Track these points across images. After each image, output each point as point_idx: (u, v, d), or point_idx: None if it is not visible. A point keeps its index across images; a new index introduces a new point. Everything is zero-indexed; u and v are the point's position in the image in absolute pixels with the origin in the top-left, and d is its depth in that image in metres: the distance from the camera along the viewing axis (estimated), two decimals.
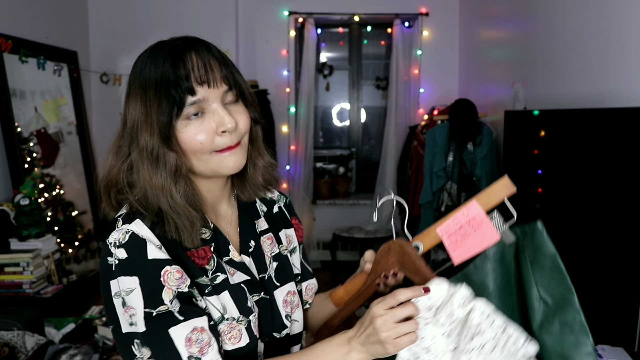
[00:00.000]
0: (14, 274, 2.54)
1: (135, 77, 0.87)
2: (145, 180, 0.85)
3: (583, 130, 1.97)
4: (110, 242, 0.82)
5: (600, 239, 1.82)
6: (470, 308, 0.76)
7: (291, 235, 1.09)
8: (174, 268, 0.82)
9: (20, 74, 3.21)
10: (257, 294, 0.94)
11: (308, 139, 4.60)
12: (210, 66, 0.85)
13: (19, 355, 1.98)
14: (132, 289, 0.79)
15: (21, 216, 2.67)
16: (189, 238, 0.85)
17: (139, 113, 0.85)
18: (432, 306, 0.79)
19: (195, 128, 0.85)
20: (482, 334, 0.75)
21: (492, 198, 0.83)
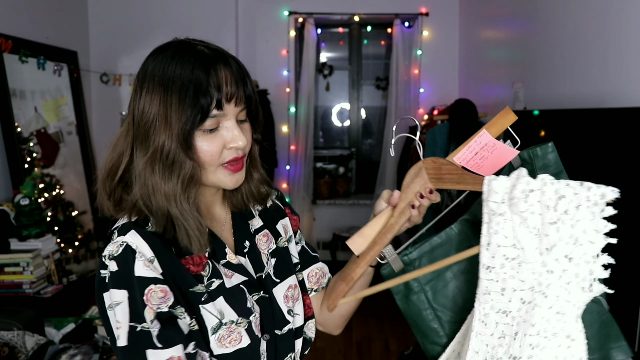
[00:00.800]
0: (14, 274, 2.54)
1: (154, 74, 0.84)
2: (155, 184, 0.84)
3: (583, 130, 1.97)
4: (105, 254, 0.82)
5: None
6: (540, 184, 0.74)
7: (287, 225, 1.10)
8: (159, 287, 0.81)
9: (20, 74, 3.21)
10: (256, 293, 0.94)
11: (308, 139, 4.60)
12: (240, 83, 0.85)
13: (19, 355, 1.98)
14: (120, 302, 0.79)
15: (21, 216, 2.67)
16: (197, 245, 0.85)
17: (156, 112, 0.83)
18: (503, 200, 0.75)
19: (207, 140, 0.85)
20: (562, 198, 0.74)
21: (498, 126, 0.90)
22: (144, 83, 0.85)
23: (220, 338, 0.86)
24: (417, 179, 0.87)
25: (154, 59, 0.86)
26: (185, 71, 0.82)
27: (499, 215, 0.76)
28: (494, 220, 0.76)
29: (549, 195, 0.74)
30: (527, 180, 0.74)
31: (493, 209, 0.76)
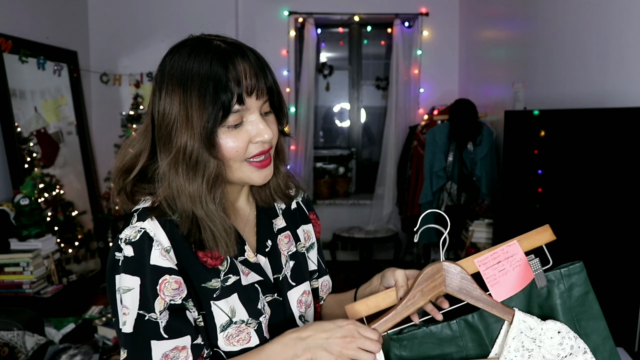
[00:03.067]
0: (14, 274, 2.54)
1: (172, 74, 0.83)
2: (179, 186, 0.83)
3: (583, 130, 1.97)
4: (121, 237, 0.81)
5: (600, 238, 1.82)
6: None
7: (309, 231, 1.07)
8: (173, 278, 0.81)
9: (20, 74, 3.21)
10: (270, 294, 0.92)
11: (308, 139, 4.60)
12: (260, 75, 0.84)
13: (19, 355, 1.98)
14: (131, 288, 0.79)
15: (21, 216, 2.67)
16: (225, 247, 0.84)
17: (177, 112, 0.81)
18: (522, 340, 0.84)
19: (232, 135, 0.83)
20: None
21: (532, 241, 0.89)
22: (163, 84, 0.84)
23: (228, 336, 0.86)
24: (432, 280, 0.86)
25: (171, 58, 0.84)
26: (203, 68, 0.81)
27: (526, 350, 0.84)
28: (521, 352, 0.84)
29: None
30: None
31: (524, 342, 0.84)
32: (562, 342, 0.83)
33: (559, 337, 0.83)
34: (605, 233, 1.79)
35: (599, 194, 1.84)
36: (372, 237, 4.25)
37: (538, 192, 2.29)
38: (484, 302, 0.85)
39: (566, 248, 2.01)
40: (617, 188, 1.73)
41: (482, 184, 3.35)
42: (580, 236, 1.94)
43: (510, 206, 2.67)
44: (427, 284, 0.86)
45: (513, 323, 0.84)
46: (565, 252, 2.13)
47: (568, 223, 2.03)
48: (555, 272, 0.89)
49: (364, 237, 4.24)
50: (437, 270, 0.86)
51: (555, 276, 0.89)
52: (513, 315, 0.84)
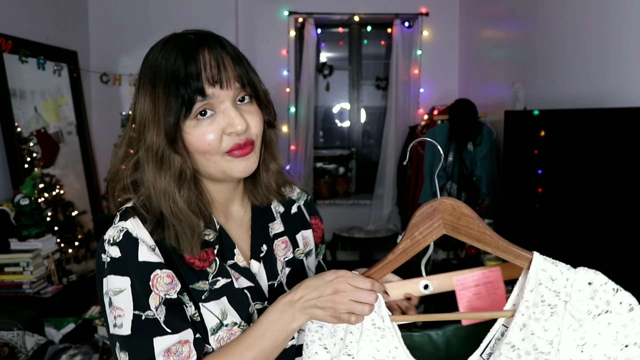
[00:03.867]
0: (14, 274, 2.54)
1: (146, 71, 0.83)
2: (149, 182, 0.82)
3: (583, 130, 1.97)
4: (105, 238, 0.81)
5: (600, 238, 1.82)
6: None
7: (308, 237, 1.03)
8: (165, 272, 0.79)
9: (20, 74, 3.21)
10: (259, 302, 0.89)
11: (308, 139, 4.60)
12: (224, 65, 0.81)
13: (19, 355, 1.98)
14: (122, 289, 0.77)
15: (21, 216, 2.67)
16: (188, 247, 0.82)
17: (147, 110, 0.81)
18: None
19: (204, 128, 0.81)
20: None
21: (516, 271, 0.80)
22: (140, 82, 0.84)
23: (219, 340, 0.83)
24: (429, 220, 0.77)
25: (147, 56, 0.85)
26: (168, 63, 0.80)
27: (547, 306, 0.69)
28: (540, 308, 0.69)
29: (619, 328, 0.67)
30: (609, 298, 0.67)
31: (544, 296, 0.69)
32: (594, 297, 0.67)
33: (590, 290, 0.67)
34: (606, 233, 1.79)
35: (599, 194, 1.84)
36: (372, 237, 4.25)
37: (538, 192, 2.29)
38: (493, 245, 0.74)
39: (566, 248, 2.02)
40: (617, 188, 1.73)
41: (482, 184, 3.35)
42: (580, 236, 1.94)
43: (510, 206, 2.67)
44: (424, 226, 0.77)
45: (530, 272, 0.70)
46: (566, 252, 2.14)
47: (568, 223, 2.03)
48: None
49: (364, 237, 4.24)
50: (434, 208, 0.76)
51: None
52: (530, 262, 0.71)
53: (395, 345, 0.79)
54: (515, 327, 0.70)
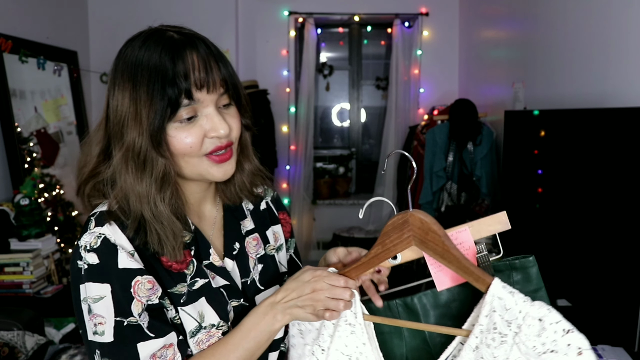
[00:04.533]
0: (14, 274, 2.54)
1: (125, 67, 0.79)
2: (129, 185, 0.79)
3: (583, 130, 1.97)
4: (81, 244, 0.78)
5: (600, 238, 1.82)
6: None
7: (278, 232, 1.04)
8: (145, 278, 0.78)
9: (20, 74, 3.21)
10: (236, 299, 0.89)
11: (308, 139, 4.60)
12: (211, 67, 0.79)
13: (19, 355, 1.98)
14: (102, 296, 0.76)
15: (21, 216, 2.67)
16: (172, 250, 0.80)
17: (127, 108, 0.78)
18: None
19: (186, 131, 0.80)
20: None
21: (484, 228, 0.81)
22: (115, 78, 0.81)
23: (198, 342, 0.83)
24: (400, 231, 0.79)
25: (125, 50, 0.81)
26: (152, 61, 0.77)
27: (498, 334, 0.69)
28: (492, 335, 0.70)
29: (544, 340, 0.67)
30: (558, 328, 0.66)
31: (497, 324, 0.69)
32: (541, 334, 0.66)
33: (538, 327, 0.66)
34: (606, 233, 1.79)
35: (599, 194, 1.84)
36: (372, 237, 4.24)
37: (538, 192, 2.29)
38: (455, 264, 0.75)
39: (566, 248, 2.02)
40: (617, 188, 1.73)
41: (482, 184, 3.35)
42: (580, 236, 1.94)
43: (510, 206, 2.67)
44: (395, 235, 0.80)
45: (486, 297, 0.70)
46: (566, 252, 2.14)
47: (568, 223, 2.03)
48: (505, 262, 0.81)
49: (364, 237, 4.24)
50: (404, 220, 0.78)
51: (505, 267, 0.81)
52: (488, 287, 0.71)
53: (364, 342, 0.82)
54: (468, 349, 0.72)
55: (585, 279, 1.87)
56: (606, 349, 1.54)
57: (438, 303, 0.85)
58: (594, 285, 1.83)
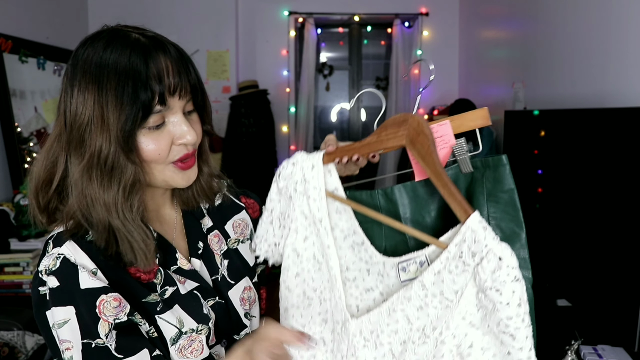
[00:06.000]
0: (14, 274, 2.53)
1: (86, 69, 0.74)
2: (94, 194, 0.75)
3: (583, 130, 1.97)
4: (40, 270, 0.74)
5: (600, 238, 1.82)
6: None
7: (243, 219, 1.01)
8: (111, 296, 0.74)
9: (20, 74, 3.21)
10: (211, 298, 0.87)
11: (308, 139, 4.60)
12: (184, 72, 0.77)
13: (19, 355, 1.98)
14: (66, 320, 0.72)
15: (21, 216, 2.67)
16: (144, 258, 0.77)
17: (91, 112, 0.73)
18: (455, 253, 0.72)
19: (154, 137, 0.77)
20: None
21: (465, 123, 0.82)
22: (74, 80, 0.75)
23: (180, 348, 0.80)
24: (397, 127, 0.82)
25: (84, 51, 0.77)
26: (121, 64, 0.73)
27: (462, 263, 0.71)
28: (456, 262, 0.72)
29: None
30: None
31: (464, 253, 0.71)
32: (495, 272, 0.68)
33: (495, 264, 0.68)
34: (606, 233, 1.79)
35: (599, 194, 1.84)
36: None
37: (538, 192, 2.29)
38: (431, 169, 0.77)
39: (566, 248, 2.02)
40: (617, 188, 1.73)
41: None
42: (580, 236, 1.94)
43: None
44: (392, 130, 0.82)
45: (462, 227, 0.71)
46: (566, 252, 2.14)
47: (568, 223, 2.03)
48: (480, 159, 0.82)
49: None
50: (404, 118, 0.81)
51: (480, 164, 0.82)
52: (466, 218, 0.72)
53: (328, 245, 0.84)
54: (430, 271, 0.74)
55: (585, 279, 1.87)
56: (606, 349, 1.54)
57: (417, 194, 0.86)
58: (594, 285, 1.83)
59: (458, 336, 0.73)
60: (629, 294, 1.62)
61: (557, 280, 2.04)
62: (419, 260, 0.78)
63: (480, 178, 0.81)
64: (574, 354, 1.37)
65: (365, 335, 0.79)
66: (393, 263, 0.80)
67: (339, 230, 0.85)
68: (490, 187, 0.79)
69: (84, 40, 0.79)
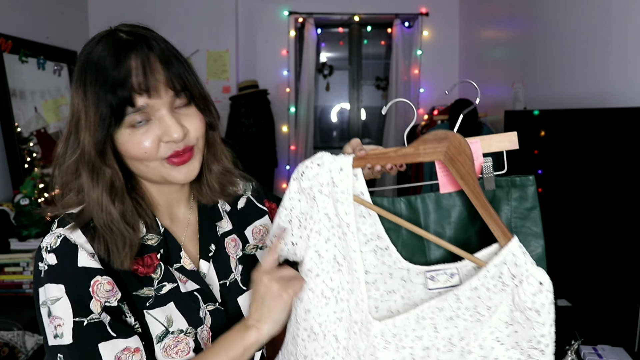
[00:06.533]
0: (14, 274, 2.53)
1: (81, 66, 0.77)
2: (86, 189, 0.77)
3: (583, 130, 1.97)
4: (43, 246, 0.76)
5: (600, 238, 1.82)
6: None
7: (265, 225, 1.00)
8: (105, 279, 0.75)
9: (20, 74, 3.21)
10: (211, 303, 0.87)
11: (308, 139, 4.60)
12: (151, 70, 0.75)
13: (19, 355, 1.98)
14: (58, 297, 0.73)
15: (21, 216, 2.67)
16: (117, 259, 0.77)
17: (80, 110, 0.76)
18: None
19: (139, 136, 0.77)
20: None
21: (494, 144, 0.87)
22: (75, 75, 0.79)
23: (166, 347, 0.80)
24: (437, 143, 0.82)
25: (84, 48, 0.79)
26: (99, 64, 0.74)
27: (501, 283, 0.76)
28: (495, 281, 0.76)
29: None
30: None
31: (503, 274, 0.76)
32: (536, 295, 0.74)
33: (537, 287, 0.75)
34: (606, 233, 1.79)
35: (599, 194, 1.84)
36: None
37: (538, 192, 2.29)
38: (471, 189, 0.80)
39: (566, 248, 2.02)
40: (617, 188, 1.73)
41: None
42: (580, 236, 1.94)
43: None
44: (431, 145, 0.83)
45: (503, 250, 0.76)
46: (566, 252, 2.14)
47: (568, 223, 2.03)
48: (507, 179, 0.86)
49: None
50: (445, 135, 0.82)
51: (506, 183, 0.86)
52: (508, 241, 0.76)
53: (354, 249, 0.84)
54: (467, 286, 0.77)
55: (585, 279, 1.87)
56: (606, 349, 1.54)
57: (440, 205, 0.88)
58: (594, 285, 1.83)
59: (485, 348, 0.79)
60: (629, 294, 1.62)
61: (557, 280, 2.03)
62: (450, 272, 0.82)
63: (505, 196, 0.86)
64: (574, 354, 1.37)
65: (387, 338, 0.81)
66: (419, 270, 0.83)
67: (361, 234, 0.86)
68: (516, 205, 0.85)
69: (88, 41, 0.81)
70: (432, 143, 0.83)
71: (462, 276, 0.81)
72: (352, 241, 0.83)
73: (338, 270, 0.86)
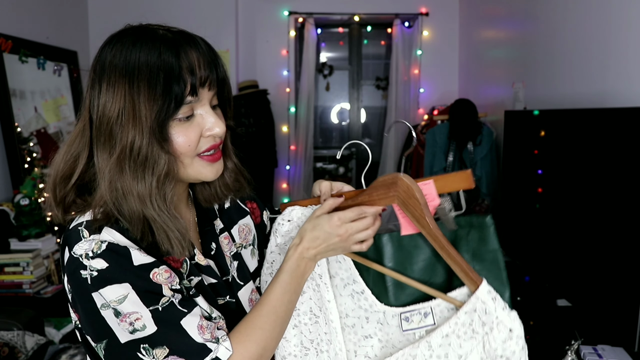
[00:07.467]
0: (14, 274, 2.53)
1: (115, 65, 0.76)
2: (126, 186, 0.76)
3: (583, 130, 1.97)
4: (80, 254, 0.75)
5: (600, 238, 1.82)
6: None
7: (247, 224, 1.03)
8: (162, 268, 0.78)
9: (20, 74, 3.21)
10: (223, 297, 0.90)
11: (308, 139, 4.60)
12: (214, 65, 0.80)
13: (19, 355, 1.98)
14: (125, 295, 0.74)
15: (21, 216, 2.67)
16: (180, 247, 0.79)
17: (121, 106, 0.75)
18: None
19: (183, 129, 0.79)
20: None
21: (449, 184, 0.84)
22: (103, 76, 0.77)
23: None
24: (387, 189, 0.83)
25: (112, 48, 0.78)
26: (152, 57, 0.75)
27: (471, 330, 0.77)
28: (465, 329, 0.78)
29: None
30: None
31: (474, 322, 0.77)
32: (506, 342, 0.75)
33: (506, 335, 0.75)
34: (606, 233, 1.79)
35: (599, 194, 1.84)
36: None
37: (538, 192, 2.29)
38: (427, 231, 0.81)
39: (566, 248, 2.02)
40: (617, 188, 1.73)
41: (482, 184, 3.35)
42: (580, 236, 1.94)
43: (510, 206, 2.67)
44: (382, 192, 0.84)
45: (471, 298, 0.77)
46: (565, 252, 2.14)
47: (568, 223, 2.03)
48: (466, 218, 0.85)
49: None
50: (393, 180, 0.82)
51: (465, 223, 0.86)
52: (476, 288, 0.77)
53: (329, 299, 0.88)
54: (439, 333, 0.79)
55: (585, 279, 1.87)
56: (606, 349, 1.54)
57: (401, 245, 0.90)
58: (594, 285, 1.83)
59: None
60: (629, 294, 1.62)
61: (557, 280, 2.04)
62: (424, 312, 0.83)
63: (465, 236, 0.85)
64: (574, 354, 1.37)
65: None
66: (395, 313, 0.85)
67: (339, 278, 0.89)
68: (475, 247, 0.84)
69: (109, 39, 0.80)
70: (382, 189, 0.84)
71: (436, 315, 0.82)
72: (325, 292, 0.87)
73: (315, 322, 0.89)
